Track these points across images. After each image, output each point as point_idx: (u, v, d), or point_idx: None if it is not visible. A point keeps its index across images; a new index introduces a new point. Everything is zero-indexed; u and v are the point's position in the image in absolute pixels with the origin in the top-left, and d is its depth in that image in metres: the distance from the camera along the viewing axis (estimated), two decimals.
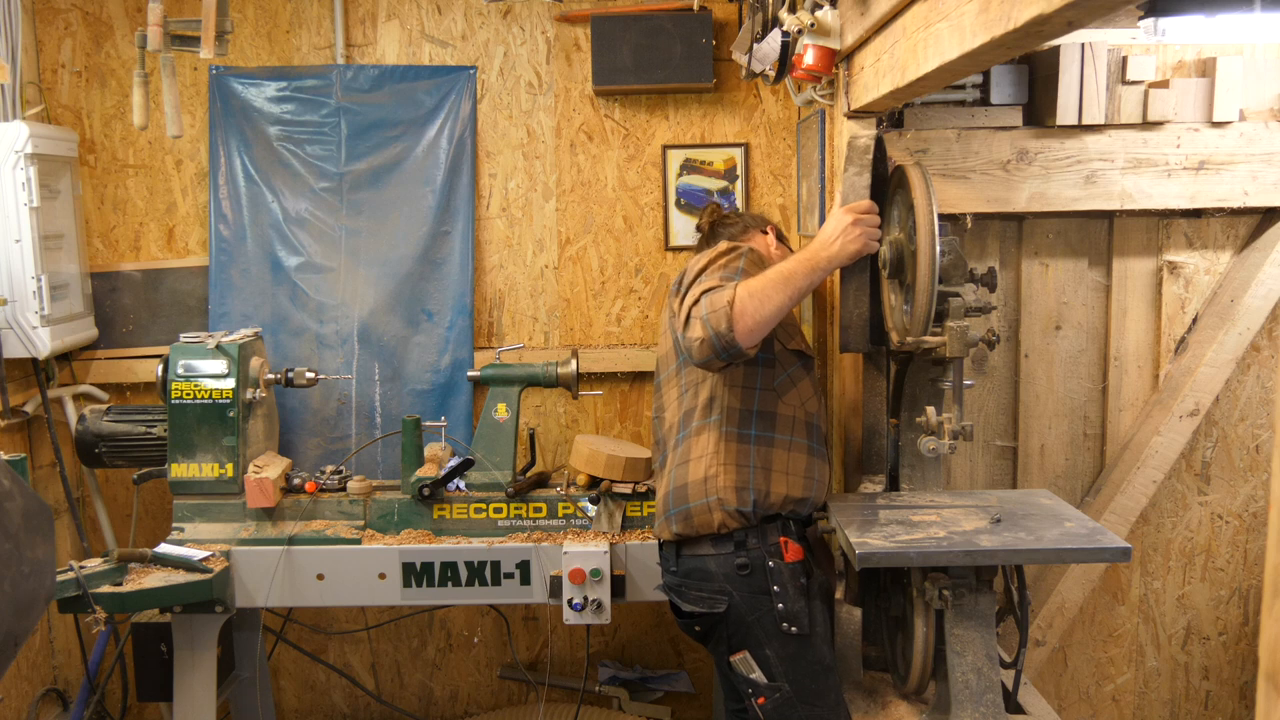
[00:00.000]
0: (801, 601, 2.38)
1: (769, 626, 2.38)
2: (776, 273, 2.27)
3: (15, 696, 3.40)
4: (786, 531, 2.43)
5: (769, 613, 2.38)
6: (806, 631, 2.37)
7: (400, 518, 3.06)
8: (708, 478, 2.43)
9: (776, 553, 2.40)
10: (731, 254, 2.38)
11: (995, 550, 2.09)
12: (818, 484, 2.49)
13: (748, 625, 2.40)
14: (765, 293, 2.22)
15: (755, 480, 2.41)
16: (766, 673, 2.38)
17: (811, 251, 2.34)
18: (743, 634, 2.40)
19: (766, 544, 2.40)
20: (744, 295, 2.20)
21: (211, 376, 3.06)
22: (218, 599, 2.90)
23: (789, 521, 2.45)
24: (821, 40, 2.46)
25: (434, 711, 3.97)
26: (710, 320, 2.19)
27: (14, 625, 1.43)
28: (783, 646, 2.38)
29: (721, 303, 2.19)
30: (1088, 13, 1.35)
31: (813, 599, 2.42)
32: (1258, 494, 2.94)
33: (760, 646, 2.39)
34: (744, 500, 2.40)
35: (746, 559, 2.41)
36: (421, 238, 3.67)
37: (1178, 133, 2.72)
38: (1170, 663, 3.02)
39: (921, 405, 2.38)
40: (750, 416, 2.44)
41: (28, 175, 3.26)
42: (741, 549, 2.41)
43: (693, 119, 3.67)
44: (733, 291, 2.21)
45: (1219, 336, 2.80)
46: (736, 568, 2.41)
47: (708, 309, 2.20)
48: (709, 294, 2.22)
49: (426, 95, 3.66)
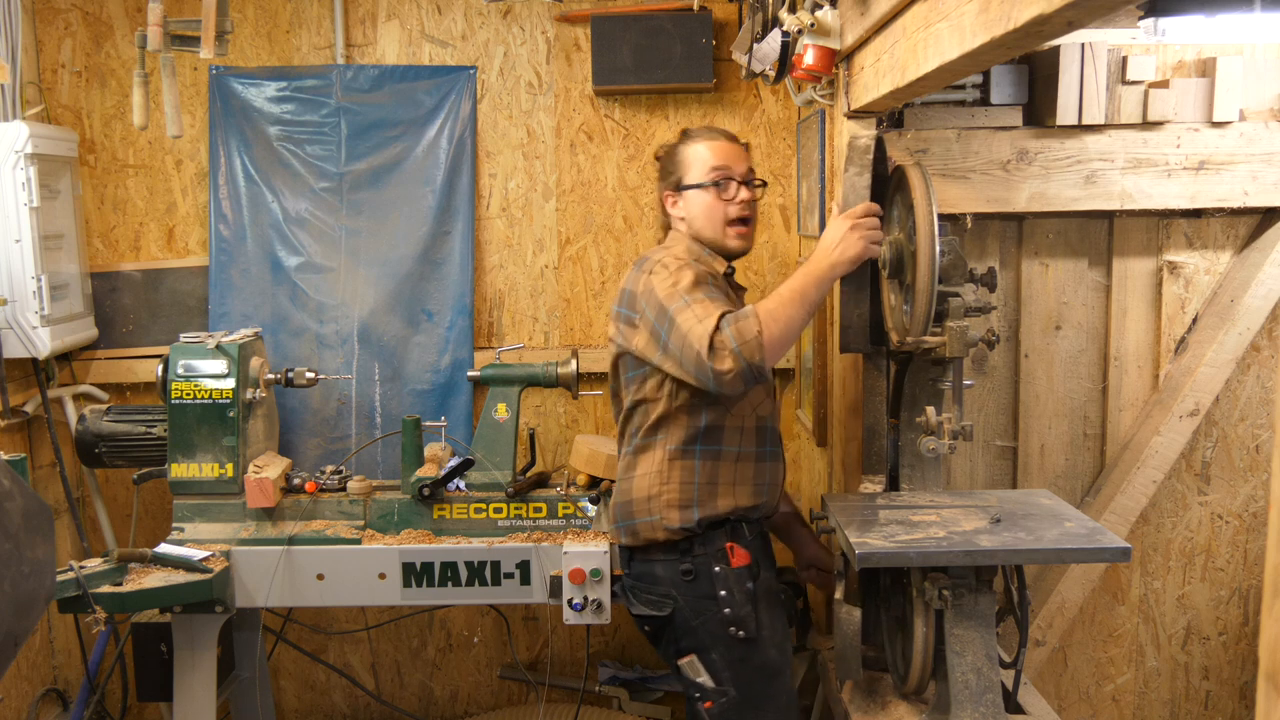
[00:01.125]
0: (748, 606, 2.40)
1: (715, 630, 2.40)
2: (790, 291, 2.29)
3: (15, 696, 3.40)
4: (735, 536, 2.45)
5: (715, 616, 2.40)
6: (754, 635, 2.39)
7: (400, 518, 3.06)
8: (651, 496, 2.46)
9: (722, 558, 2.42)
10: (680, 274, 2.35)
11: (995, 550, 2.09)
12: (769, 487, 2.53)
13: (694, 629, 2.41)
14: (787, 315, 2.25)
15: (700, 496, 2.44)
16: (714, 676, 2.40)
17: (814, 262, 2.34)
18: (689, 638, 2.43)
19: (712, 550, 2.43)
20: (769, 322, 2.22)
21: (211, 376, 3.06)
22: (218, 599, 2.90)
23: (739, 525, 2.47)
24: (821, 40, 2.46)
25: (434, 711, 3.97)
26: (743, 352, 2.20)
27: (14, 625, 1.44)
28: (729, 650, 2.40)
29: (751, 333, 2.20)
30: (1088, 13, 1.35)
31: (759, 602, 2.43)
32: (1258, 494, 2.94)
33: (707, 650, 2.41)
34: (687, 519, 2.43)
35: (691, 565, 2.43)
36: (421, 238, 3.67)
37: (1178, 133, 2.72)
38: (1170, 663, 3.02)
39: (921, 405, 2.37)
40: (697, 434, 2.45)
41: (28, 175, 3.26)
42: (687, 555, 2.44)
43: (693, 119, 3.67)
44: (757, 321, 2.21)
45: (1219, 336, 2.80)
46: (681, 573, 2.43)
47: (737, 341, 2.20)
48: (735, 325, 2.21)
49: (426, 95, 3.66)
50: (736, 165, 2.55)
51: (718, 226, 2.53)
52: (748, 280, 3.74)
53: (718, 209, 2.53)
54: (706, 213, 2.53)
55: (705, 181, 2.53)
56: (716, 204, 2.53)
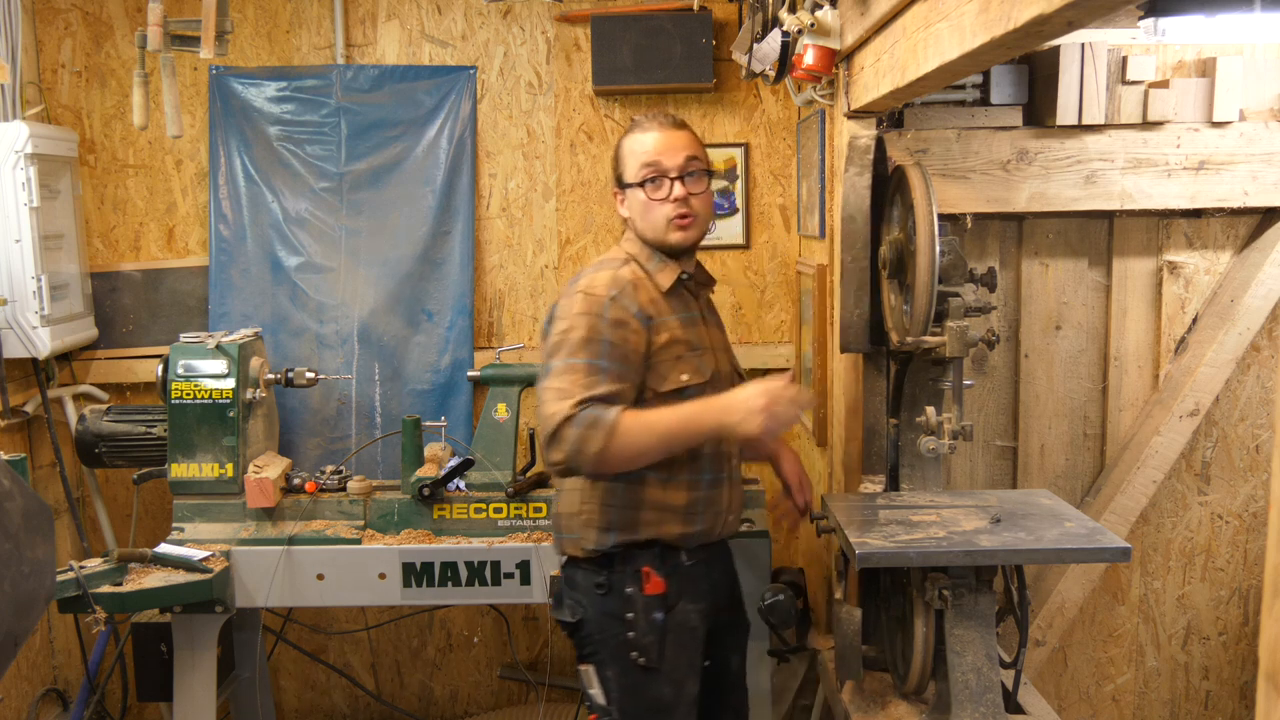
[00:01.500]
0: (652, 635, 2.31)
1: (616, 650, 2.33)
2: (663, 425, 2.19)
3: (15, 696, 3.40)
4: (660, 562, 2.34)
5: (619, 637, 2.33)
6: (654, 666, 2.31)
7: (400, 518, 3.06)
8: (573, 514, 2.40)
9: (637, 581, 2.33)
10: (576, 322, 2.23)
11: (995, 550, 2.09)
12: (708, 515, 2.38)
13: (597, 643, 2.37)
14: (641, 445, 2.17)
15: (620, 520, 2.34)
16: (605, 694, 2.35)
17: (709, 413, 2.21)
18: (592, 649, 2.38)
19: (629, 570, 2.34)
20: (618, 444, 2.14)
21: (211, 376, 3.06)
22: (218, 599, 2.90)
23: (666, 550, 2.35)
24: (821, 40, 2.46)
25: (434, 711, 3.97)
26: (575, 460, 2.15)
27: (14, 625, 1.44)
28: (624, 674, 2.33)
29: (591, 449, 2.13)
30: (1088, 13, 1.35)
31: (667, 634, 2.33)
32: (1258, 494, 2.94)
33: (605, 667, 2.35)
34: (603, 541, 2.34)
35: (606, 579, 2.35)
36: (421, 238, 3.67)
37: (1178, 133, 2.72)
38: (1170, 663, 3.02)
39: (921, 405, 2.37)
40: None
41: (28, 175, 3.26)
42: (605, 568, 2.36)
43: (693, 119, 3.67)
44: (605, 439, 2.13)
45: (1219, 336, 2.80)
46: (595, 586, 2.37)
47: (575, 446, 2.14)
48: (583, 429, 2.12)
49: (426, 95, 3.66)
50: (670, 158, 2.34)
51: (657, 227, 2.36)
52: (748, 280, 3.74)
53: (653, 209, 2.35)
54: (643, 213, 2.37)
55: (635, 180, 2.36)
56: (650, 203, 2.35)
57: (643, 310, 2.29)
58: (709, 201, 2.42)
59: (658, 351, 2.30)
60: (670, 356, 2.32)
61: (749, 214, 3.72)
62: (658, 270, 2.37)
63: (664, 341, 2.31)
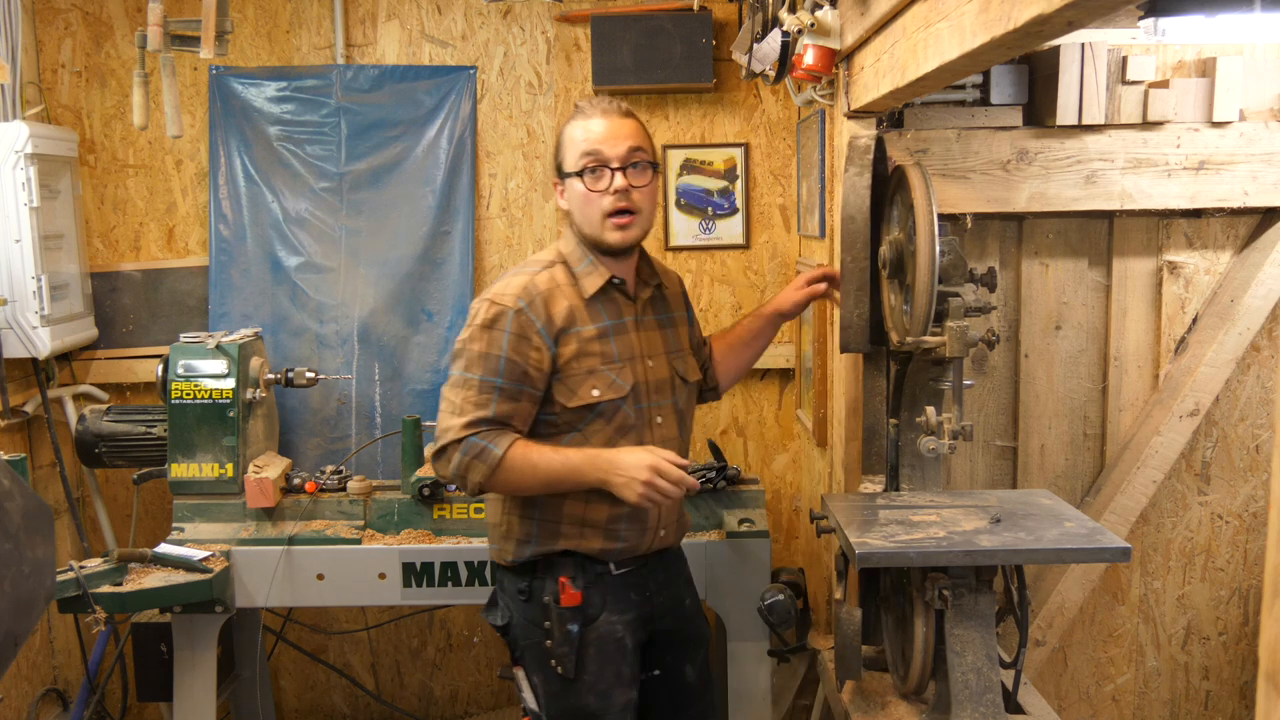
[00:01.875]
0: (567, 647, 2.29)
1: (538, 656, 2.33)
2: (547, 472, 2.19)
3: (15, 696, 3.40)
4: (578, 571, 2.31)
5: (539, 644, 2.32)
6: (571, 677, 2.29)
7: (400, 518, 3.06)
8: (495, 524, 2.40)
9: (555, 590, 2.31)
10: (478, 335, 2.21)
11: (995, 550, 2.09)
12: (626, 533, 2.32)
13: (522, 648, 2.37)
14: (520, 482, 2.21)
15: (538, 533, 2.32)
16: (535, 699, 2.35)
17: (595, 466, 2.19)
18: (519, 653, 2.39)
19: (550, 578, 2.32)
20: (500, 478, 2.19)
21: (211, 376, 3.06)
22: (218, 599, 2.90)
23: (588, 560, 2.32)
24: (821, 40, 2.46)
25: (434, 711, 3.97)
26: (460, 483, 2.23)
27: (14, 625, 1.44)
28: (547, 682, 2.33)
29: (475, 477, 2.19)
30: (1088, 13, 1.35)
31: (587, 648, 2.30)
32: (1258, 494, 2.94)
33: (531, 672, 2.36)
34: (521, 553, 2.33)
35: (528, 586, 2.34)
36: (421, 238, 3.67)
37: (1178, 133, 2.72)
38: (1170, 663, 3.02)
39: (921, 405, 2.37)
40: None
41: (28, 175, 3.26)
42: (527, 575, 2.35)
43: (693, 119, 3.67)
44: (488, 472, 2.18)
45: (1219, 336, 2.80)
46: (518, 591, 2.36)
47: (458, 471, 2.20)
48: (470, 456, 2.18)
49: (426, 95, 3.66)
50: (612, 147, 2.22)
51: (594, 221, 2.24)
52: (748, 280, 3.74)
53: (592, 201, 2.23)
54: (581, 205, 2.25)
55: (574, 170, 2.25)
56: (589, 195, 2.23)
57: (551, 323, 2.23)
58: (652, 196, 2.31)
59: (566, 365, 2.24)
60: (581, 370, 2.25)
61: (749, 214, 3.72)
62: (585, 274, 2.29)
63: (572, 354, 2.24)
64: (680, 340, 2.46)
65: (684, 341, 2.48)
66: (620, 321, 2.32)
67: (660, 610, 2.43)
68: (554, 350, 2.23)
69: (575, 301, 2.27)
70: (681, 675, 2.48)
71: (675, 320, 2.47)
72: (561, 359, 2.24)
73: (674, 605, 2.47)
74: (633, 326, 2.34)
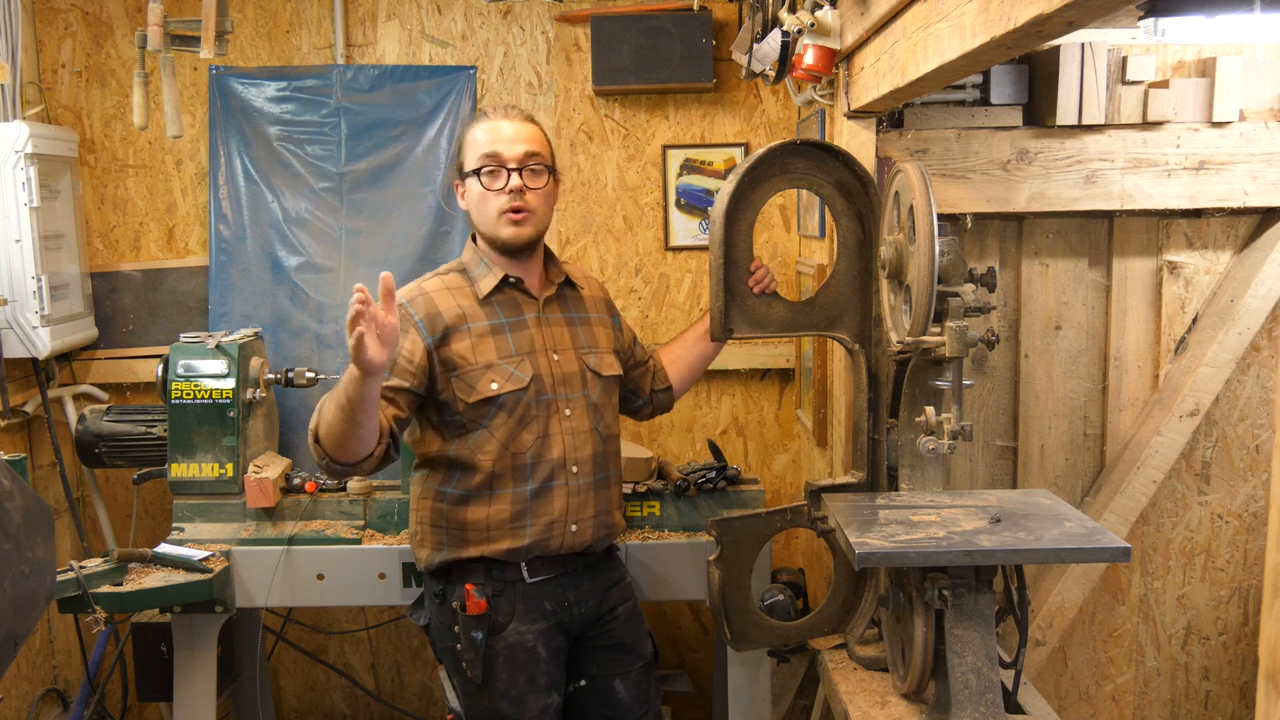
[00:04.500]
0: (473, 653, 2.31)
1: (453, 659, 2.38)
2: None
3: (15, 696, 3.40)
4: (484, 578, 2.35)
5: (452, 648, 2.37)
6: (480, 682, 2.33)
7: (400, 518, 3.06)
8: (413, 533, 2.48)
9: (462, 597, 2.34)
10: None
11: (995, 550, 2.09)
12: (532, 529, 2.34)
13: (440, 650, 2.43)
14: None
15: (449, 540, 2.38)
16: (457, 698, 2.40)
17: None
18: (439, 655, 2.45)
19: (460, 584, 2.36)
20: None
21: (211, 376, 3.06)
22: (218, 599, 2.90)
23: (498, 567, 2.35)
24: (821, 40, 2.46)
25: (434, 712, 3.97)
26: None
27: (14, 625, 1.44)
28: (463, 684, 2.38)
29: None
30: (1088, 13, 1.35)
31: (496, 656, 2.32)
32: (1258, 494, 2.94)
33: (451, 673, 2.41)
34: (432, 560, 2.41)
35: (442, 590, 2.40)
36: (421, 238, 3.67)
37: (1178, 133, 2.72)
38: (1170, 663, 3.02)
39: (921, 405, 2.37)
40: (452, 474, 2.37)
41: (28, 175, 3.26)
42: (442, 579, 2.40)
43: (693, 119, 3.67)
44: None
45: (1219, 336, 2.80)
46: (434, 594, 2.42)
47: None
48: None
49: (426, 95, 3.66)
50: (509, 149, 2.32)
51: (490, 219, 2.34)
52: None
53: (488, 200, 2.33)
54: (478, 204, 2.36)
55: (473, 169, 2.35)
56: (486, 194, 2.33)
57: (434, 319, 2.33)
58: (547, 199, 2.40)
59: (462, 361, 2.31)
60: (479, 365, 2.32)
61: None
62: (481, 277, 2.40)
63: (463, 350, 2.31)
64: (595, 339, 2.52)
65: (600, 341, 2.52)
66: (520, 318, 2.40)
67: (582, 620, 2.45)
68: (430, 342, 2.31)
69: (467, 302, 2.36)
70: (610, 689, 2.48)
71: (590, 321, 2.53)
72: (455, 355, 2.31)
73: (600, 615, 2.48)
74: (534, 323, 2.41)
